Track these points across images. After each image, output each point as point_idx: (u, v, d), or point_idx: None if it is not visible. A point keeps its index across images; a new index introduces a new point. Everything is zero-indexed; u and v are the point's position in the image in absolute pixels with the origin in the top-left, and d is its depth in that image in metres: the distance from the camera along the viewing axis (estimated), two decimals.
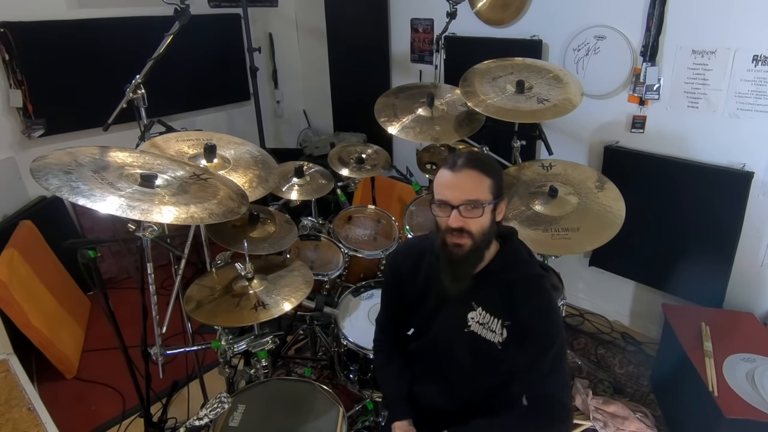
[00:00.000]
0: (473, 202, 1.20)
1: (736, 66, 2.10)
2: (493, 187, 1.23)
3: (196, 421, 1.30)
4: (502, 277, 1.30)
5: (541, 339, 1.27)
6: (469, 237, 1.23)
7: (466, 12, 2.90)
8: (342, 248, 2.29)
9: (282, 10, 4.06)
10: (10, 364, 1.92)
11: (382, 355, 1.55)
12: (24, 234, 2.63)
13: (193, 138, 1.86)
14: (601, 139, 2.61)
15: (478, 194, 1.21)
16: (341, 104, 4.13)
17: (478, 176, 1.21)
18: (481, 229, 1.23)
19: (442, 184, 1.24)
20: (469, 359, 1.35)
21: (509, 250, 1.33)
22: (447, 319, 1.36)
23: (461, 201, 1.20)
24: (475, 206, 1.20)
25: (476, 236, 1.23)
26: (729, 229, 2.23)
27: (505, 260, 1.32)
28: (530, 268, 1.31)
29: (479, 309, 1.32)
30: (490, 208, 1.23)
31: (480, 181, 1.21)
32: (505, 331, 1.30)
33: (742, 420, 1.68)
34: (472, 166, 1.22)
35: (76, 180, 1.19)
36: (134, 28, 3.10)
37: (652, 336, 2.67)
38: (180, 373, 2.23)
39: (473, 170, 1.21)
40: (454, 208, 1.21)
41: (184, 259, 1.66)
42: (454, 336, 1.34)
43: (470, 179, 1.21)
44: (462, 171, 1.21)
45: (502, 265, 1.31)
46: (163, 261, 2.83)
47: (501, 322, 1.30)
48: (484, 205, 1.21)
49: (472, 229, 1.22)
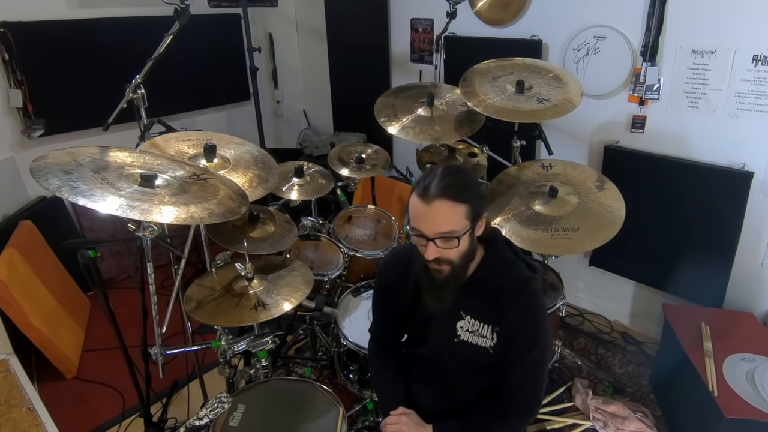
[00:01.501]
0: (448, 233, 1.15)
1: (736, 66, 2.10)
2: (469, 212, 1.17)
3: (196, 421, 1.30)
4: (489, 285, 1.29)
5: (526, 337, 1.28)
6: (448, 264, 1.21)
7: (466, 12, 2.90)
8: (342, 248, 2.29)
9: (282, 10, 4.06)
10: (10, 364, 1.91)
11: (377, 362, 1.54)
12: (24, 234, 2.63)
13: (193, 138, 1.86)
14: (601, 139, 2.61)
15: (452, 226, 1.15)
16: (341, 104, 4.13)
17: (451, 206, 1.14)
18: (460, 255, 1.21)
19: (414, 214, 1.18)
20: (462, 366, 1.36)
21: (494, 256, 1.31)
22: (438, 329, 1.36)
23: (435, 234, 1.16)
24: (449, 238, 1.16)
25: (455, 262, 1.21)
26: (729, 229, 2.23)
27: (491, 267, 1.30)
28: (517, 272, 1.30)
29: (468, 317, 1.32)
30: (468, 233, 1.19)
31: (453, 210, 1.15)
32: (495, 336, 1.30)
33: (742, 420, 1.68)
34: (444, 195, 1.13)
35: (76, 180, 1.19)
36: (134, 28, 3.10)
37: (652, 336, 2.67)
38: (180, 373, 2.23)
39: (445, 200, 1.13)
40: (429, 240, 1.17)
41: (184, 259, 1.66)
42: (445, 346, 1.35)
43: (443, 211, 1.14)
44: (434, 202, 1.14)
45: (489, 272, 1.30)
46: (163, 261, 2.82)
47: (491, 327, 1.30)
48: (459, 236, 1.16)
49: (450, 257, 1.20)
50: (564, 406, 2.23)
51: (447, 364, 1.38)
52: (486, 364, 1.34)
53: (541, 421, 2.15)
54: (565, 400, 2.27)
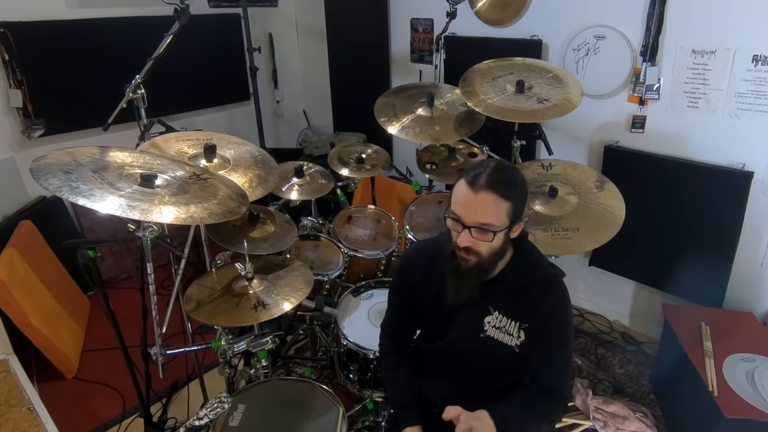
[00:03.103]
0: (486, 226, 1.16)
1: (736, 66, 2.10)
2: (512, 212, 1.18)
3: (196, 421, 1.30)
4: (518, 281, 1.30)
5: (556, 334, 1.29)
6: (476, 256, 1.21)
7: (466, 12, 2.90)
8: (342, 248, 2.29)
9: (282, 9, 4.06)
10: (10, 364, 1.91)
11: (390, 359, 1.52)
12: (24, 234, 2.63)
13: (193, 138, 1.86)
14: (601, 139, 2.61)
15: (492, 219, 1.16)
16: (341, 104, 4.13)
17: (496, 200, 1.15)
18: (491, 251, 1.21)
19: (458, 199, 1.19)
20: (485, 363, 1.36)
21: (523, 254, 1.32)
22: (463, 324, 1.35)
23: (473, 223, 1.17)
24: (486, 230, 1.16)
25: (483, 257, 1.21)
26: (729, 229, 2.23)
27: (520, 264, 1.31)
28: (544, 269, 1.32)
29: (496, 313, 1.31)
30: (504, 232, 1.19)
31: (497, 205, 1.15)
32: (523, 333, 1.30)
33: (742, 420, 1.68)
34: (493, 188, 1.15)
35: (76, 180, 1.19)
36: (134, 28, 3.10)
37: (652, 336, 2.67)
38: (180, 373, 2.23)
39: (493, 193, 1.15)
40: (465, 227, 1.18)
41: (184, 259, 1.66)
42: (470, 341, 1.33)
43: (487, 203, 1.15)
44: (481, 192, 1.15)
45: (518, 269, 1.31)
46: (163, 261, 2.82)
47: (518, 324, 1.30)
48: (496, 231, 1.17)
49: (480, 251, 1.20)
50: None
51: (465, 361, 1.37)
52: (509, 364, 1.33)
53: None
54: None
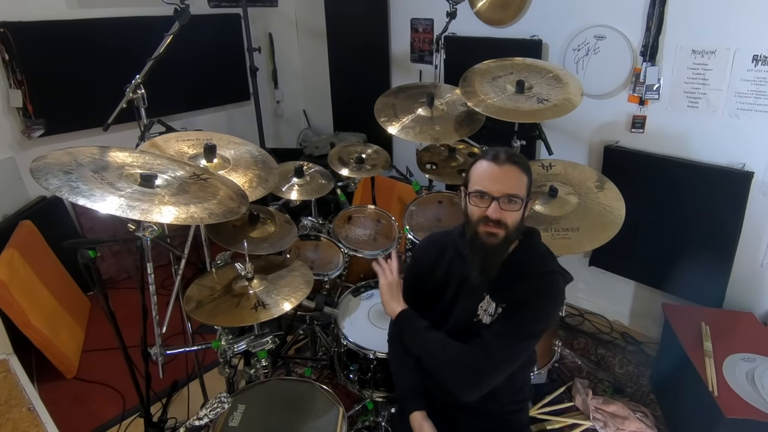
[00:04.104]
0: (513, 196, 1.25)
1: (736, 66, 2.10)
2: (528, 186, 1.30)
3: (196, 421, 1.30)
4: (517, 270, 1.33)
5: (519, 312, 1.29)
6: (504, 229, 1.27)
7: (466, 12, 2.90)
8: (342, 248, 2.29)
9: (282, 10, 4.06)
10: (10, 364, 1.91)
11: (398, 346, 1.55)
12: (24, 234, 2.63)
13: (193, 138, 1.86)
14: (601, 139, 2.61)
15: (517, 190, 1.26)
16: (341, 104, 4.13)
17: (519, 173, 1.27)
18: (515, 223, 1.28)
19: (483, 175, 1.28)
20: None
21: (528, 247, 1.37)
22: (461, 310, 1.40)
23: (502, 194, 1.25)
24: (514, 200, 1.26)
25: (510, 229, 1.28)
26: (729, 229, 2.23)
27: (522, 255, 1.35)
28: (546, 265, 1.34)
29: (487, 297, 1.35)
30: (524, 204, 1.29)
31: (520, 177, 1.28)
32: (500, 311, 1.32)
33: (742, 420, 1.68)
34: (514, 162, 1.27)
35: (76, 180, 1.19)
36: (134, 28, 3.10)
37: (652, 336, 2.67)
38: (180, 373, 2.23)
39: (515, 166, 1.27)
40: (495, 199, 1.25)
41: (184, 259, 1.66)
42: (465, 326, 1.37)
43: (513, 174, 1.27)
44: (505, 165, 1.27)
45: (519, 259, 1.34)
46: (163, 261, 2.83)
47: (497, 304, 1.33)
48: (523, 200, 1.27)
49: (508, 222, 1.27)
50: (564, 406, 2.23)
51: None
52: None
53: (541, 421, 2.15)
54: (565, 400, 2.27)
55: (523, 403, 1.55)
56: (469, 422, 1.47)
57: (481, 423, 1.47)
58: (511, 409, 1.49)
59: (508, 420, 1.49)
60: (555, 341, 2.21)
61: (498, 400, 1.43)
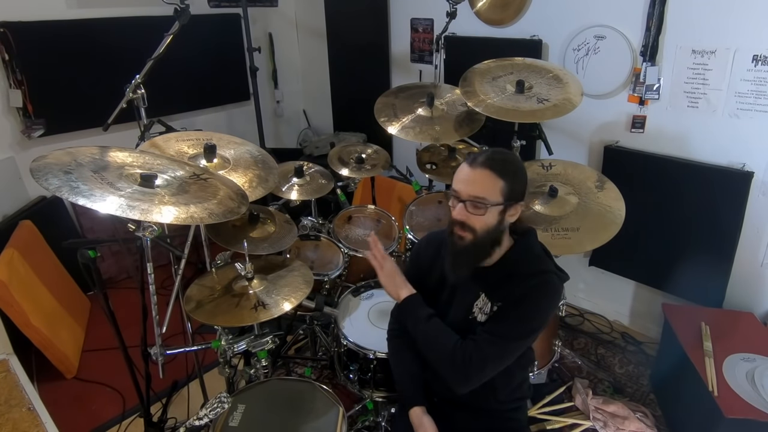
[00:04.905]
0: (479, 199, 1.23)
1: (736, 66, 2.10)
2: (506, 190, 1.25)
3: (196, 421, 1.30)
4: (512, 270, 1.33)
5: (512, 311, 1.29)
6: (471, 232, 1.27)
7: (466, 12, 2.90)
8: (342, 248, 2.29)
9: (282, 9, 4.06)
10: (10, 364, 1.91)
11: (397, 341, 1.56)
12: (24, 234, 2.63)
13: (193, 138, 1.86)
14: (601, 139, 2.61)
15: (485, 193, 1.23)
16: (341, 104, 4.13)
17: (491, 177, 1.24)
18: (485, 227, 1.26)
19: (457, 176, 1.29)
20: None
21: (524, 247, 1.36)
22: (457, 308, 1.40)
23: (468, 197, 1.24)
24: (479, 204, 1.24)
25: (478, 233, 1.26)
26: (729, 229, 2.23)
27: (517, 255, 1.34)
28: (542, 264, 1.33)
29: (482, 295, 1.35)
30: (498, 209, 1.25)
31: (491, 181, 1.24)
32: (495, 307, 1.32)
33: (742, 420, 1.68)
34: (489, 165, 1.24)
35: (76, 180, 1.19)
36: (134, 28, 3.10)
37: (652, 336, 2.67)
38: (180, 373, 2.23)
39: (488, 170, 1.24)
40: (462, 201, 1.25)
41: (184, 259, 1.66)
42: (460, 323, 1.37)
43: (483, 177, 1.24)
44: (478, 168, 1.24)
45: (515, 258, 1.34)
46: (163, 261, 2.82)
47: (492, 304, 1.33)
48: (488, 205, 1.24)
49: (475, 226, 1.26)
50: (564, 406, 2.23)
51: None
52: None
53: (541, 421, 2.15)
54: (565, 400, 2.27)
55: (522, 402, 1.55)
56: (467, 420, 1.47)
57: (480, 421, 1.47)
58: (510, 407, 1.49)
59: (506, 418, 1.50)
60: (555, 341, 2.21)
61: (496, 398, 1.44)
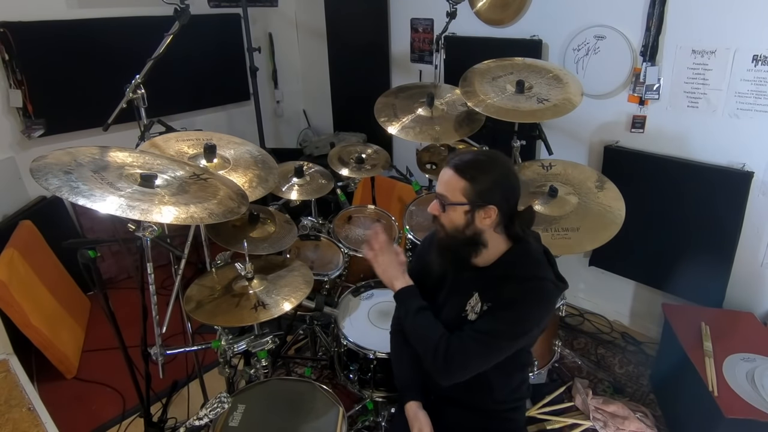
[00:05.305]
0: (441, 197, 1.31)
1: (736, 66, 2.10)
2: (469, 192, 1.27)
3: (196, 421, 1.30)
4: (507, 272, 1.32)
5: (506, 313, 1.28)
6: (441, 228, 1.35)
7: (466, 12, 2.90)
8: (342, 248, 2.29)
9: (282, 10, 4.06)
10: (10, 364, 1.92)
11: (398, 337, 1.56)
12: (24, 234, 2.63)
13: (193, 138, 1.86)
14: (601, 139, 2.61)
15: (446, 192, 1.30)
16: (341, 104, 4.13)
17: (454, 178, 1.29)
18: (451, 224, 1.32)
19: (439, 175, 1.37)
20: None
21: (521, 250, 1.35)
22: (451, 306, 1.41)
23: (437, 193, 1.34)
24: (440, 202, 1.32)
25: (447, 229, 1.34)
26: (729, 229, 2.23)
27: (514, 258, 1.34)
28: (538, 270, 1.31)
29: (476, 295, 1.36)
30: (462, 209, 1.29)
31: (453, 182, 1.29)
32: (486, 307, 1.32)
33: (742, 420, 1.68)
34: (454, 166, 1.30)
35: (76, 180, 1.19)
36: (134, 28, 3.09)
37: (652, 336, 2.67)
38: (180, 373, 2.23)
39: (451, 170, 1.30)
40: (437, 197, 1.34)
41: (184, 259, 1.66)
42: (453, 321, 1.38)
43: (446, 177, 1.31)
44: (445, 168, 1.32)
45: (511, 261, 1.34)
46: (163, 261, 2.83)
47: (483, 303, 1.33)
48: (446, 204, 1.30)
49: (444, 222, 1.34)
50: (564, 406, 2.23)
51: None
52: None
53: (541, 421, 2.15)
54: (565, 400, 2.27)
55: (520, 402, 1.54)
56: (463, 418, 1.47)
57: (477, 420, 1.47)
58: (508, 407, 1.49)
59: (504, 418, 1.49)
60: (555, 341, 2.21)
61: (494, 398, 1.44)
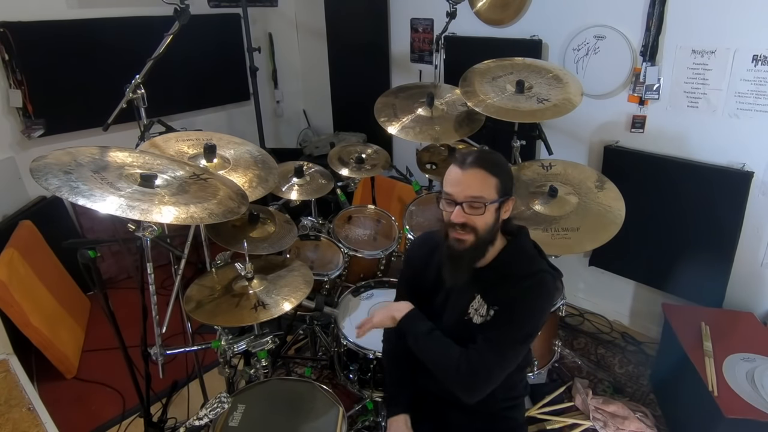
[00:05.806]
0: (477, 199, 1.24)
1: (736, 66, 2.10)
2: (499, 187, 1.26)
3: (196, 421, 1.30)
4: (505, 271, 1.33)
5: (509, 314, 1.28)
6: (473, 233, 1.27)
7: (466, 12, 2.90)
8: (342, 248, 2.29)
9: (282, 10, 4.06)
10: (10, 364, 1.92)
11: (388, 346, 1.56)
12: (24, 234, 2.63)
13: (192, 138, 1.86)
14: (601, 139, 2.61)
15: (482, 192, 1.24)
16: (341, 104, 4.13)
17: (484, 175, 1.25)
18: (485, 225, 1.27)
19: (448, 179, 1.29)
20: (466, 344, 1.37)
21: (516, 247, 1.36)
22: (452, 309, 1.40)
23: (465, 198, 1.24)
24: (477, 204, 1.24)
25: (480, 232, 1.27)
26: (729, 229, 2.23)
27: (510, 256, 1.35)
28: (534, 264, 1.33)
29: (478, 297, 1.35)
30: (494, 206, 1.26)
31: (485, 180, 1.25)
32: (492, 313, 1.32)
33: (742, 420, 1.68)
34: (480, 164, 1.25)
35: (76, 180, 1.19)
36: (134, 28, 3.10)
37: (652, 336, 2.67)
38: (180, 373, 2.23)
39: (480, 169, 1.25)
40: (458, 204, 1.25)
41: (184, 259, 1.66)
42: (456, 326, 1.38)
43: (476, 177, 1.25)
44: (469, 169, 1.25)
45: (508, 259, 1.34)
46: (163, 261, 2.82)
47: (489, 306, 1.33)
48: (486, 203, 1.24)
49: (476, 225, 1.26)
50: (564, 406, 2.23)
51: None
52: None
53: (541, 421, 2.15)
54: (565, 400, 2.27)
55: (518, 400, 1.54)
56: (462, 419, 1.47)
57: (475, 420, 1.47)
58: (505, 406, 1.49)
59: (502, 417, 1.49)
60: (555, 341, 2.21)
61: (492, 397, 1.43)
